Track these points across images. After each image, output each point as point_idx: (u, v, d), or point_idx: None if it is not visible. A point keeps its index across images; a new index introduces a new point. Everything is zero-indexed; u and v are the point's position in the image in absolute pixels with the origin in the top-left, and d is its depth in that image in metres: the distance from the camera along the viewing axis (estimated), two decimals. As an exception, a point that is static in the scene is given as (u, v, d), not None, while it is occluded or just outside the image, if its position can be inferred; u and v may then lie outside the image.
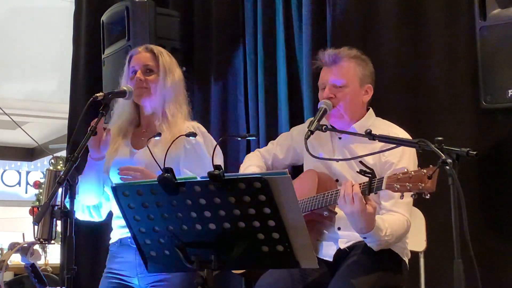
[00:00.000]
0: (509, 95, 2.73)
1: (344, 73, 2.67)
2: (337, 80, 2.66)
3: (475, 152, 2.07)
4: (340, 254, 2.60)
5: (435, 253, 2.86)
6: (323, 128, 2.46)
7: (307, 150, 2.40)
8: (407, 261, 2.66)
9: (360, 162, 2.29)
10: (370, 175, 2.27)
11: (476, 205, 2.96)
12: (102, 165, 2.65)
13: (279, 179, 1.77)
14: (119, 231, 2.69)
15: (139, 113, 2.77)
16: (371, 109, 2.77)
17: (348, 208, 2.32)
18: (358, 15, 3.45)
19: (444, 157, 2.03)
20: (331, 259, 2.61)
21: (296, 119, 3.58)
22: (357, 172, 2.30)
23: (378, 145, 2.48)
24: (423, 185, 2.16)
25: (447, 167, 2.00)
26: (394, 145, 2.33)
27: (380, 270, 2.51)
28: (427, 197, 2.16)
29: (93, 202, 2.72)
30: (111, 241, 2.77)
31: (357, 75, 2.69)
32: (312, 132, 2.43)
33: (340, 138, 2.72)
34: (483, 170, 3.01)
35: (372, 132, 2.26)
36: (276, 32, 3.79)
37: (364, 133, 2.31)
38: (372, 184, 2.30)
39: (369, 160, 2.51)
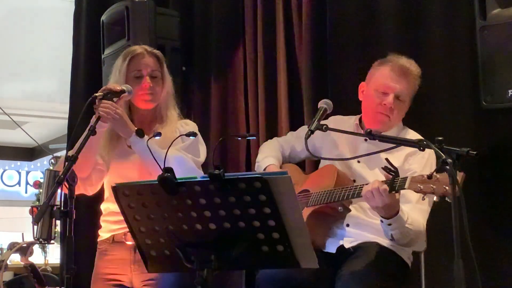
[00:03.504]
0: (509, 95, 2.73)
1: (409, 90, 2.70)
2: (402, 94, 2.67)
3: (475, 152, 2.07)
4: (344, 250, 2.61)
5: (435, 253, 2.86)
6: (324, 128, 2.46)
7: (307, 149, 2.41)
8: (410, 265, 2.67)
9: (386, 159, 2.29)
10: (393, 174, 2.28)
11: (476, 205, 2.95)
12: (99, 138, 2.59)
13: (279, 179, 1.77)
14: (111, 227, 2.68)
15: (130, 112, 2.78)
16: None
17: (376, 202, 2.34)
18: (358, 15, 3.45)
19: (444, 157, 2.03)
20: (333, 251, 2.62)
21: (296, 119, 3.58)
22: (382, 168, 2.29)
23: (404, 152, 2.52)
24: (447, 188, 2.17)
25: (447, 167, 2.00)
26: (402, 144, 2.36)
27: (386, 271, 2.52)
28: (450, 201, 2.17)
29: (84, 174, 2.67)
30: (100, 239, 2.77)
31: (412, 92, 2.74)
32: (312, 132, 2.43)
33: (366, 139, 2.70)
34: (483, 170, 3.00)
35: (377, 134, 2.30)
36: (276, 32, 3.79)
37: (364, 133, 2.32)
38: (394, 182, 2.31)
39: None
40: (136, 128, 2.58)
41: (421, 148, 2.21)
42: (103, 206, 2.75)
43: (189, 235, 1.89)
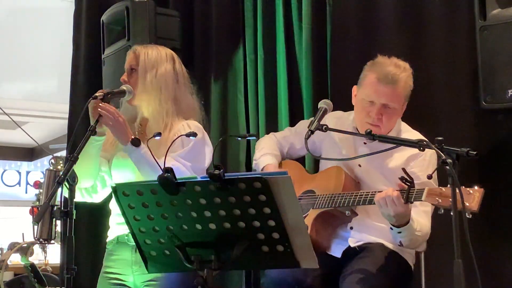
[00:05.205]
0: (509, 95, 2.74)
1: (399, 97, 2.61)
2: (390, 102, 2.60)
3: (475, 152, 2.08)
4: (349, 251, 2.62)
5: (435, 253, 2.86)
6: (323, 128, 2.46)
7: (307, 150, 2.42)
8: (412, 268, 2.68)
9: (403, 169, 2.29)
10: (409, 184, 2.28)
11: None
12: (101, 144, 2.59)
13: (279, 179, 1.77)
14: (116, 228, 2.69)
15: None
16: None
17: (389, 210, 2.34)
18: (358, 15, 3.45)
19: (444, 157, 2.04)
20: (339, 256, 2.62)
21: (296, 119, 3.57)
22: (399, 178, 2.28)
23: (405, 154, 2.50)
24: (467, 204, 2.16)
25: (447, 167, 2.01)
26: (394, 145, 2.35)
27: (390, 273, 2.52)
28: (469, 216, 2.17)
29: (88, 184, 2.67)
30: (108, 239, 2.77)
31: (405, 96, 2.65)
32: (312, 132, 2.44)
33: (365, 143, 2.68)
34: (483, 170, 3.00)
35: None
36: (276, 32, 3.79)
37: (364, 133, 2.32)
38: (410, 193, 2.30)
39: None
40: (132, 137, 2.52)
41: (421, 148, 2.21)
42: (111, 206, 2.75)
43: (189, 235, 1.90)
